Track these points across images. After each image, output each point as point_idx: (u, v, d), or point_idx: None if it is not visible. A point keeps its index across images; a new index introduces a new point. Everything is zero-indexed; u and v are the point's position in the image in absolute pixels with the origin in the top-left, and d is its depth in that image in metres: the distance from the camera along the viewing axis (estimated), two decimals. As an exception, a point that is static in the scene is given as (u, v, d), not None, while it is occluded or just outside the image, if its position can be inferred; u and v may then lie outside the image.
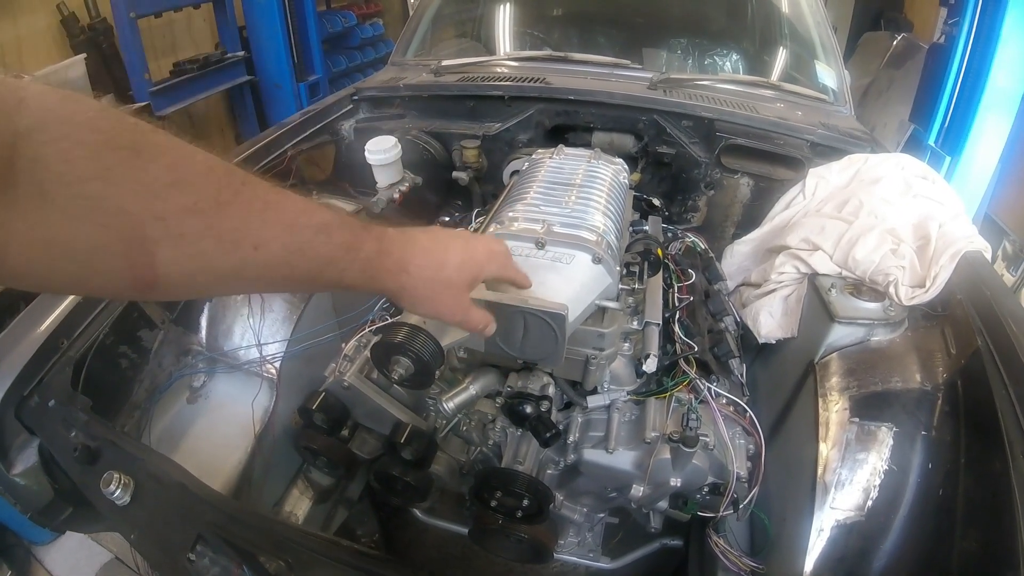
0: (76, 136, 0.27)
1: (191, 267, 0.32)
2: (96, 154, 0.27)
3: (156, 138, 0.30)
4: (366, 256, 0.40)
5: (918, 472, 0.65)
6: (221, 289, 0.39)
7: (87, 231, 0.28)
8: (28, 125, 0.25)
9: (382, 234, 0.42)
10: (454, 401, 0.75)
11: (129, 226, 0.29)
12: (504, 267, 0.52)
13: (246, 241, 0.33)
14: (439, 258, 0.45)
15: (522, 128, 1.22)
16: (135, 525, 0.60)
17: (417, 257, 0.44)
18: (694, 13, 1.70)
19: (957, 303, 0.76)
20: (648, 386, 0.78)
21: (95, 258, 0.29)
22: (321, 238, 0.37)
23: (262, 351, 0.91)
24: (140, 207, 0.29)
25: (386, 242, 0.42)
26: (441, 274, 0.45)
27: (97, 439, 0.66)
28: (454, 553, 1.10)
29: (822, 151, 1.11)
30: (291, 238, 0.35)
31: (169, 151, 0.30)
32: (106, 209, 0.28)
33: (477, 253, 0.48)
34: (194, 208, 0.31)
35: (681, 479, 0.68)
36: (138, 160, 0.29)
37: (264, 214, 0.34)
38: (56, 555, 1.31)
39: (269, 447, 0.88)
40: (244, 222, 0.33)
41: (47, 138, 0.26)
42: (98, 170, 0.27)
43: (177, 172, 0.30)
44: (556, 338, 0.58)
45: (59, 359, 0.74)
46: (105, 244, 0.28)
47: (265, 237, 0.34)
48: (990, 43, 1.67)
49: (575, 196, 0.76)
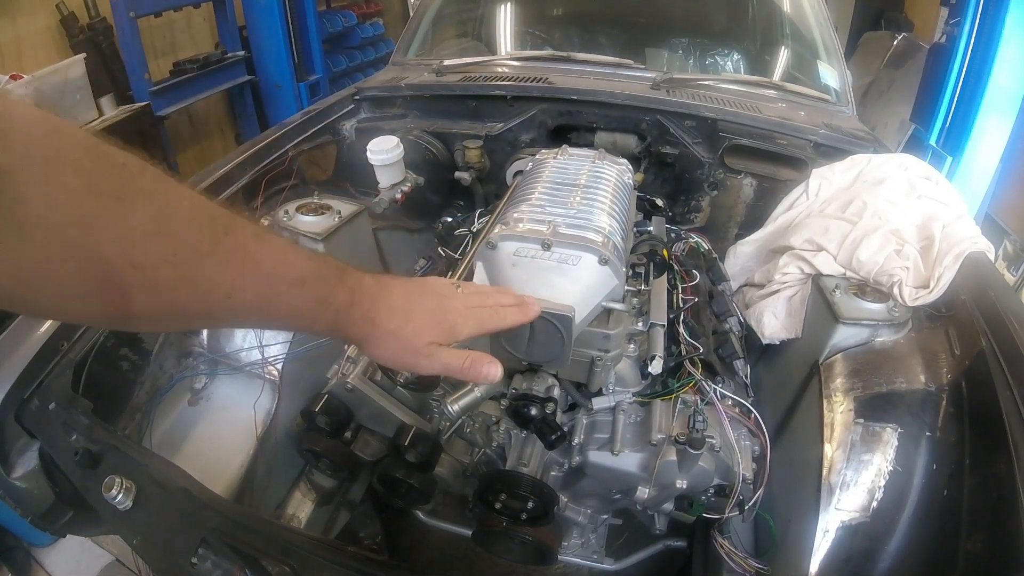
0: (60, 179, 0.27)
1: (163, 310, 0.32)
2: (79, 200, 0.27)
3: (141, 183, 0.30)
4: (336, 309, 0.41)
5: (923, 473, 0.65)
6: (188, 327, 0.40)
7: (64, 272, 0.28)
8: (11, 163, 0.25)
9: (356, 284, 0.42)
10: (459, 403, 0.75)
11: (106, 272, 0.29)
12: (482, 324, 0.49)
13: (220, 291, 0.33)
14: (406, 315, 0.45)
15: (525, 128, 1.22)
16: (137, 530, 0.60)
17: (385, 312, 0.44)
18: (696, 13, 1.70)
19: (961, 304, 0.76)
20: (653, 387, 0.78)
21: (70, 294, 0.29)
22: (295, 291, 0.37)
23: (264, 353, 0.91)
24: (118, 255, 0.29)
25: (358, 293, 0.42)
26: (404, 330, 0.44)
27: (98, 443, 0.65)
28: (457, 555, 1.09)
29: (825, 151, 1.11)
30: (265, 289, 0.36)
31: (153, 198, 0.30)
32: (84, 255, 0.28)
33: (447, 318, 0.47)
34: (172, 259, 0.31)
35: (687, 481, 0.68)
36: (120, 208, 0.29)
37: (242, 265, 0.34)
38: (57, 557, 1.31)
39: (271, 449, 0.88)
40: (220, 273, 0.33)
41: (30, 179, 0.26)
42: (79, 216, 0.27)
43: (158, 221, 0.30)
44: (563, 340, 0.57)
45: (59, 361, 0.74)
46: (80, 284, 0.29)
47: (239, 287, 0.34)
48: (991, 43, 1.67)
49: (580, 197, 0.75)
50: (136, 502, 0.60)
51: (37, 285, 0.28)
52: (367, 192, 1.18)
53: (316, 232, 0.96)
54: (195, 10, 2.79)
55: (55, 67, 2.02)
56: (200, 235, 0.32)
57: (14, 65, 2.05)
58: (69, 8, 2.24)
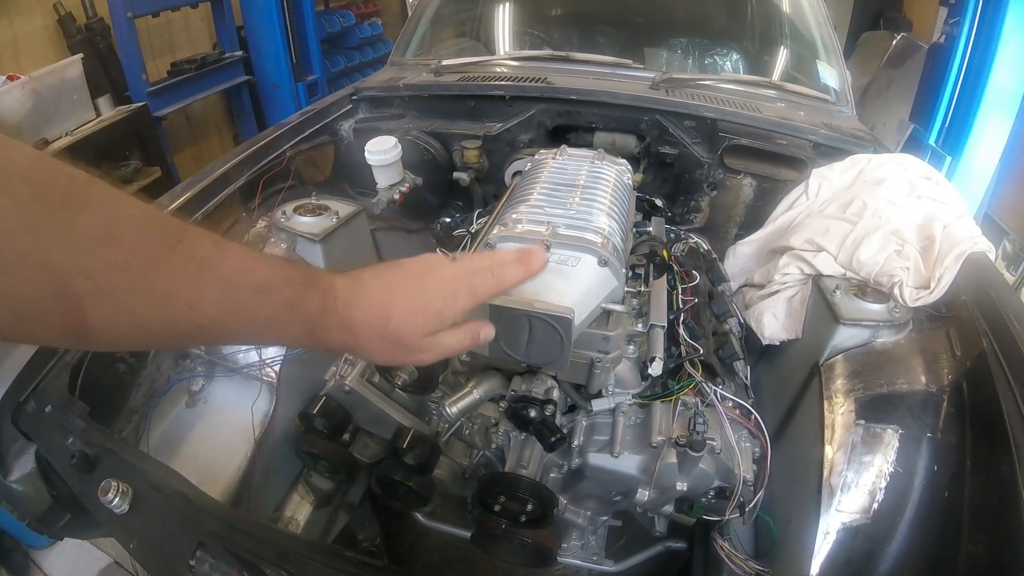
0: (7, 187, 0.26)
1: (122, 323, 0.31)
2: (24, 207, 0.27)
3: (90, 190, 0.29)
4: (308, 316, 0.38)
5: (924, 474, 0.65)
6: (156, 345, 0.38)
7: (16, 284, 0.27)
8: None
9: (329, 288, 0.39)
10: (457, 405, 0.74)
11: (57, 281, 0.28)
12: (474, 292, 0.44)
13: (178, 301, 0.32)
14: (384, 312, 0.41)
15: (523, 128, 1.21)
16: (134, 534, 0.59)
17: (361, 313, 0.40)
18: (695, 13, 1.70)
19: (962, 304, 0.76)
20: (653, 389, 0.78)
21: (27, 309, 0.28)
22: (260, 298, 0.35)
23: (261, 354, 0.90)
24: (67, 262, 0.28)
25: (331, 297, 0.39)
26: (388, 329, 0.41)
27: (95, 446, 0.65)
28: (456, 557, 1.09)
29: (825, 151, 1.11)
30: (227, 298, 0.34)
31: (101, 204, 0.30)
32: (34, 263, 0.27)
33: (432, 302, 0.42)
34: (124, 265, 0.30)
35: (687, 483, 0.68)
36: (66, 213, 0.28)
37: (200, 273, 0.33)
38: (54, 559, 1.30)
39: (269, 452, 0.87)
40: (177, 281, 0.32)
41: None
42: (25, 223, 0.27)
43: (107, 227, 0.29)
44: (562, 342, 0.57)
45: (56, 364, 0.73)
46: (35, 297, 0.28)
47: (199, 297, 0.32)
48: (990, 43, 1.67)
49: (579, 197, 0.75)
50: (132, 506, 0.60)
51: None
52: (365, 192, 1.18)
53: (314, 233, 0.96)
54: (193, 10, 2.78)
55: (52, 67, 2.02)
56: (152, 241, 0.31)
57: (11, 65, 2.05)
58: (66, 8, 2.23)
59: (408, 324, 0.42)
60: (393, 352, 0.43)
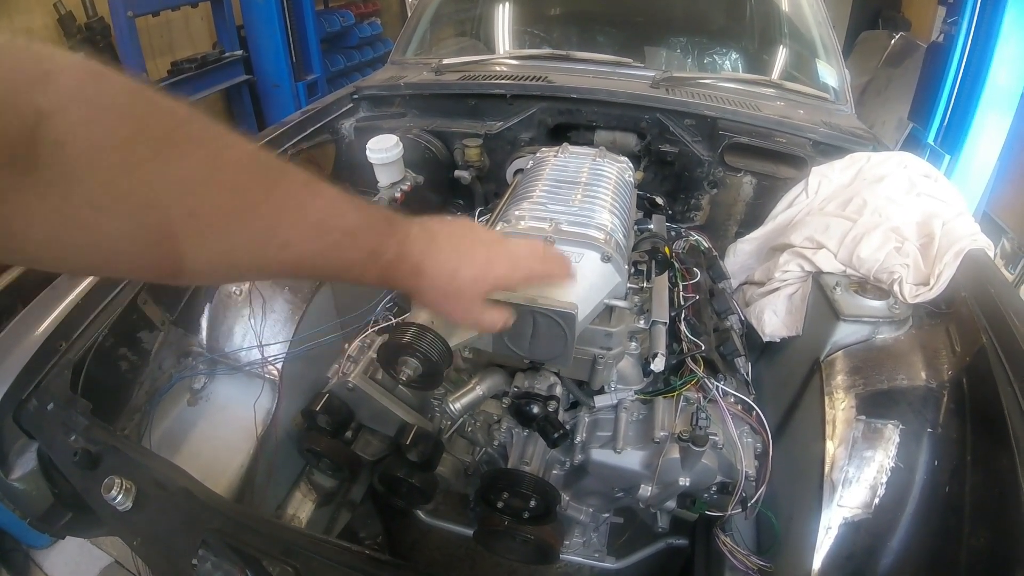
0: (106, 123, 0.25)
1: (218, 262, 0.31)
2: (127, 145, 0.26)
3: (192, 128, 0.29)
4: (386, 261, 0.40)
5: (925, 469, 0.65)
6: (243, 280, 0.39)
7: (114, 224, 0.26)
8: (53, 104, 0.23)
9: (405, 236, 0.42)
10: (460, 402, 0.74)
11: (158, 220, 0.27)
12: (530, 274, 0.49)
13: (274, 241, 0.32)
14: (453, 267, 0.44)
15: (524, 127, 1.21)
16: (137, 531, 0.59)
17: (431, 264, 0.43)
18: (694, 12, 1.70)
19: (961, 301, 0.77)
20: (655, 385, 0.78)
21: (120, 247, 0.27)
22: (347, 242, 0.37)
23: (264, 352, 0.90)
24: (171, 202, 0.27)
25: (407, 245, 0.42)
26: (452, 284, 0.44)
27: (98, 443, 0.65)
28: (458, 554, 1.09)
29: (824, 149, 1.11)
30: (318, 240, 0.35)
31: (205, 143, 0.29)
32: (137, 203, 0.26)
33: (500, 267, 0.46)
34: (226, 206, 0.30)
35: (690, 478, 0.68)
36: (172, 153, 0.27)
37: (295, 214, 0.33)
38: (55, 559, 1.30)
39: (271, 449, 0.87)
40: (275, 222, 0.32)
41: (75, 120, 0.24)
42: (129, 163, 0.26)
43: (212, 168, 0.29)
44: (565, 338, 0.57)
45: (58, 362, 0.73)
46: (131, 235, 0.27)
47: (293, 238, 0.33)
48: (989, 42, 1.68)
49: (581, 194, 0.75)
50: (136, 503, 0.60)
51: (83, 239, 0.26)
52: (366, 191, 1.18)
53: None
54: (193, 10, 2.78)
55: (51, 67, 2.01)
56: (253, 182, 0.31)
57: (10, 65, 2.04)
58: (67, 7, 2.23)
59: (470, 285, 0.45)
60: (449, 305, 0.46)
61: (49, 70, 0.24)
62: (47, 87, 0.24)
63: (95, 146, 0.25)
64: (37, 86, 0.23)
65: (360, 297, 1.01)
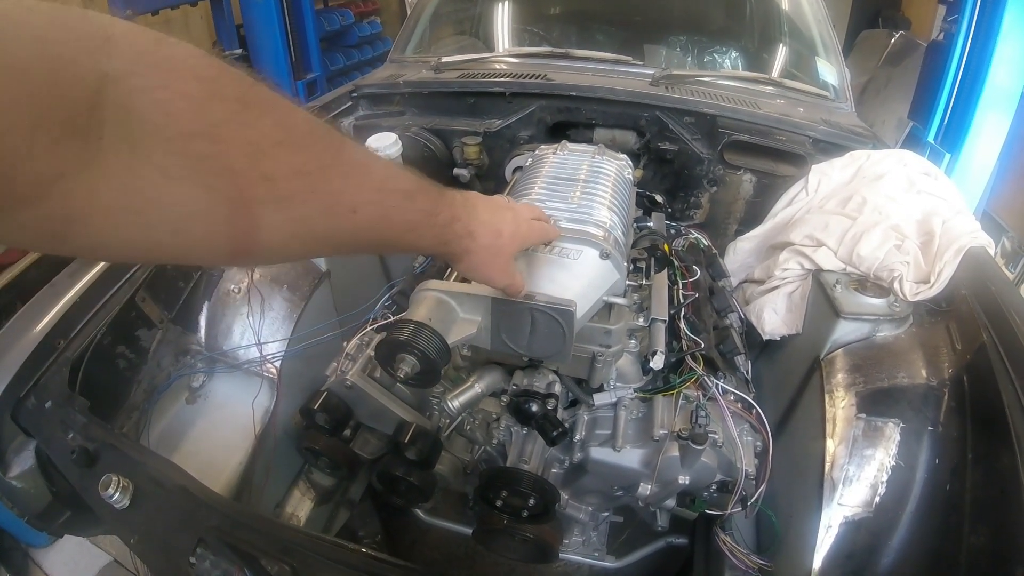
0: (177, 85, 0.23)
1: (291, 232, 0.30)
2: (201, 107, 0.24)
3: (261, 92, 0.28)
4: (442, 222, 0.42)
5: (925, 468, 0.65)
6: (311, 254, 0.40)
7: (188, 193, 0.24)
8: (119, 68, 0.22)
9: (452, 199, 0.44)
10: (459, 400, 0.74)
11: (236, 187, 0.26)
12: (545, 232, 0.56)
13: (344, 205, 0.32)
14: (496, 227, 0.48)
15: (523, 125, 1.21)
16: (134, 529, 0.59)
17: (480, 225, 0.46)
18: (694, 10, 1.70)
19: (962, 299, 0.76)
20: (654, 383, 0.78)
21: (193, 224, 0.26)
22: (407, 204, 0.38)
23: (262, 350, 0.90)
24: (249, 167, 0.26)
25: (456, 207, 0.44)
26: (497, 242, 0.48)
27: (95, 441, 0.65)
28: (457, 553, 1.09)
29: (824, 147, 1.11)
30: (383, 202, 0.35)
31: (276, 107, 0.28)
32: (212, 169, 0.25)
33: (523, 225, 0.51)
34: (302, 169, 0.29)
35: (690, 477, 0.68)
36: (247, 115, 0.26)
37: (361, 177, 0.33)
38: (54, 558, 1.30)
39: (270, 448, 0.87)
40: (344, 185, 0.32)
41: (142, 84, 0.22)
42: (204, 125, 0.24)
43: (285, 130, 0.28)
44: (564, 335, 0.57)
45: (56, 360, 0.73)
46: (207, 208, 0.25)
47: (360, 201, 0.33)
48: (989, 41, 1.67)
49: (580, 192, 0.75)
50: (134, 501, 0.59)
51: (153, 215, 0.24)
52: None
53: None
54: (192, 8, 2.78)
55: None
56: (323, 145, 0.30)
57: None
58: (65, 6, 2.22)
59: (508, 241, 0.49)
60: (495, 263, 0.49)
61: (110, 34, 0.22)
62: (111, 50, 0.22)
63: (166, 110, 0.23)
64: (101, 50, 0.22)
65: (358, 295, 1.01)
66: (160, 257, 0.28)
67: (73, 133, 0.21)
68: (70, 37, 0.21)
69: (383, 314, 0.92)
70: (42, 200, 0.21)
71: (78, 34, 0.22)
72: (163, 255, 0.28)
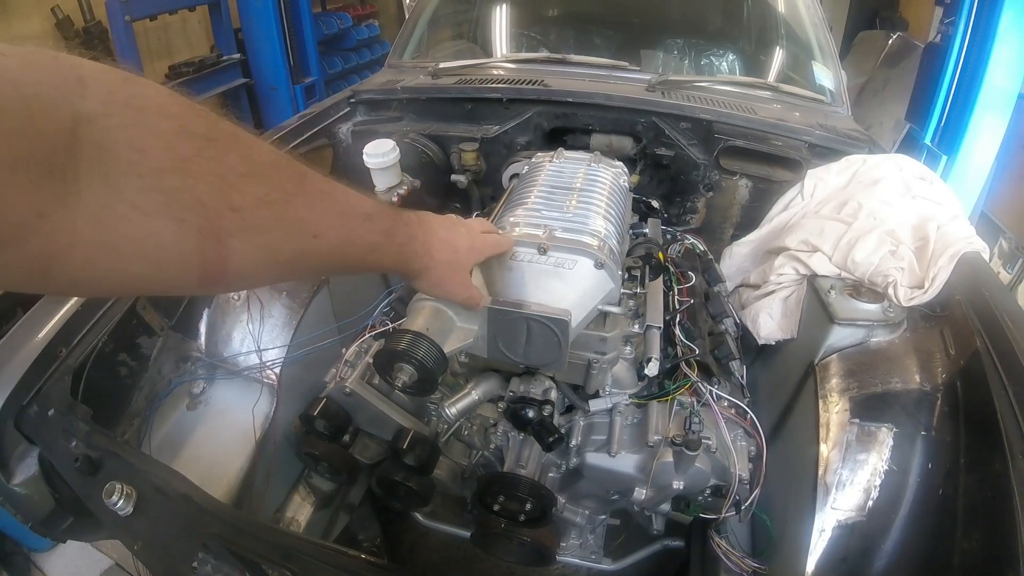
0: (147, 122, 0.25)
1: (259, 259, 0.31)
2: (171, 143, 0.25)
3: (225, 127, 0.29)
4: (400, 241, 0.44)
5: (918, 472, 0.66)
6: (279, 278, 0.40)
7: (161, 227, 0.26)
8: (91, 109, 0.23)
9: (408, 219, 0.46)
10: (456, 406, 0.75)
11: (205, 219, 0.27)
12: (498, 244, 0.59)
13: (307, 231, 0.33)
14: (452, 243, 0.50)
15: (521, 130, 1.22)
16: (138, 536, 0.60)
17: (436, 242, 0.48)
18: (691, 14, 1.70)
19: (956, 304, 0.77)
20: (649, 389, 0.78)
21: (166, 255, 0.27)
22: (367, 226, 0.39)
23: (262, 357, 0.91)
24: (217, 199, 0.27)
25: (412, 227, 0.46)
26: (455, 257, 0.50)
27: (98, 449, 0.65)
28: (455, 556, 1.10)
29: (820, 152, 1.12)
30: (344, 226, 0.37)
31: (240, 140, 0.30)
32: (182, 202, 0.26)
33: (477, 239, 0.54)
34: (266, 199, 0.30)
35: (684, 482, 0.68)
36: (213, 150, 0.27)
37: (323, 204, 0.35)
38: (56, 562, 1.31)
39: (270, 453, 0.88)
40: (307, 212, 0.33)
41: (114, 123, 0.23)
42: (174, 160, 0.25)
43: (249, 163, 0.30)
44: (559, 344, 0.58)
45: (58, 368, 0.74)
46: (178, 240, 0.26)
47: (323, 226, 0.35)
48: (986, 42, 1.68)
49: (576, 200, 0.76)
50: (137, 508, 0.60)
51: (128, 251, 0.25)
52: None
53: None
54: (190, 13, 2.78)
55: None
56: (286, 175, 0.32)
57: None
58: (64, 11, 2.23)
59: (466, 256, 0.51)
60: (453, 279, 0.50)
61: (81, 75, 0.23)
62: (84, 91, 0.23)
63: (139, 147, 0.24)
64: (73, 91, 0.23)
65: (357, 302, 1.02)
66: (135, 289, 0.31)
67: (51, 173, 0.22)
68: (43, 79, 0.22)
69: (381, 321, 0.92)
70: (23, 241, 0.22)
71: (51, 76, 0.22)
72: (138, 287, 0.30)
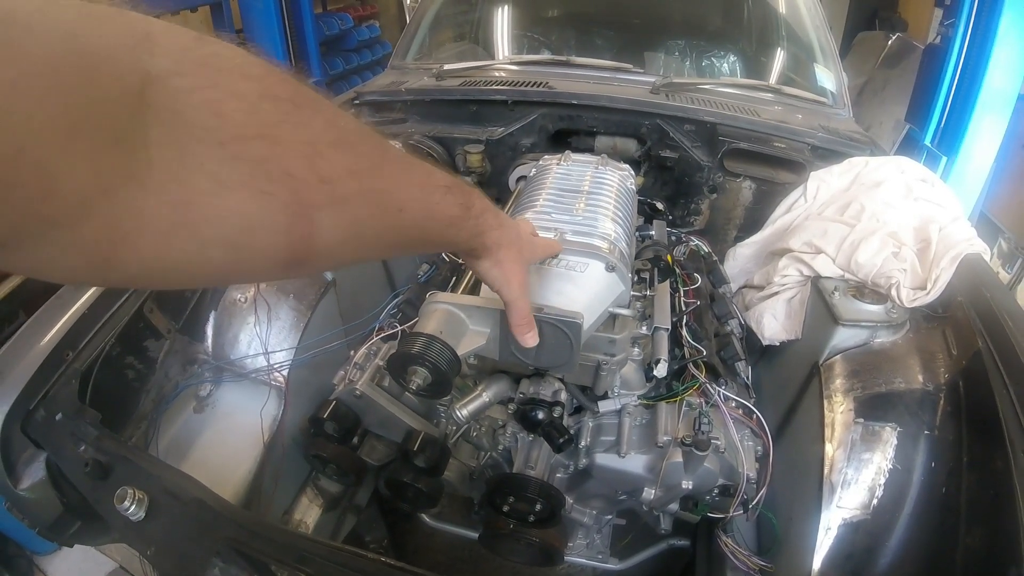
0: (226, 84, 0.21)
1: (346, 234, 0.28)
2: (255, 107, 0.22)
3: (308, 91, 0.26)
4: (476, 213, 0.41)
5: (922, 471, 0.67)
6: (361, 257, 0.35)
7: (244, 203, 0.22)
8: (163, 67, 0.19)
9: (480, 192, 0.44)
10: (467, 408, 0.75)
11: (293, 192, 0.24)
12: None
13: (393, 204, 0.31)
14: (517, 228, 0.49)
15: (525, 132, 1.22)
16: (150, 541, 0.60)
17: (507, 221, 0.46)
18: (693, 16, 1.71)
19: (958, 305, 0.78)
20: (658, 390, 0.79)
21: (251, 236, 0.23)
22: (449, 199, 0.37)
23: (269, 359, 0.91)
24: (307, 170, 0.24)
25: (485, 200, 0.44)
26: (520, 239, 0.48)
27: (108, 454, 0.65)
28: (462, 557, 1.10)
29: (823, 154, 1.13)
30: (427, 199, 0.35)
31: (324, 106, 0.26)
32: (270, 173, 0.22)
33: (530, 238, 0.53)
34: (354, 169, 0.27)
35: (693, 482, 0.69)
36: (300, 115, 0.24)
37: (405, 175, 0.33)
38: (59, 565, 1.30)
39: (278, 456, 0.88)
40: (392, 184, 0.31)
41: (190, 85, 0.20)
42: (260, 126, 0.22)
43: (337, 129, 0.27)
44: (571, 346, 0.58)
45: (65, 371, 0.73)
46: (265, 216, 0.23)
47: (407, 199, 0.32)
48: (986, 44, 1.69)
49: (584, 203, 0.76)
50: (149, 513, 0.60)
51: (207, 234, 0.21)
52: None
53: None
54: (192, 14, 2.77)
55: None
56: (370, 145, 0.29)
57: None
58: (63, 11, 2.21)
59: (528, 244, 0.50)
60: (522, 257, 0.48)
61: (150, 31, 0.20)
62: (153, 48, 0.19)
63: (219, 111, 0.21)
64: (142, 47, 0.19)
65: (364, 304, 1.02)
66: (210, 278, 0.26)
67: (115, 141, 0.18)
68: (106, 31, 0.19)
69: (389, 323, 0.93)
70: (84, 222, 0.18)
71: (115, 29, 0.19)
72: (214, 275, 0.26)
